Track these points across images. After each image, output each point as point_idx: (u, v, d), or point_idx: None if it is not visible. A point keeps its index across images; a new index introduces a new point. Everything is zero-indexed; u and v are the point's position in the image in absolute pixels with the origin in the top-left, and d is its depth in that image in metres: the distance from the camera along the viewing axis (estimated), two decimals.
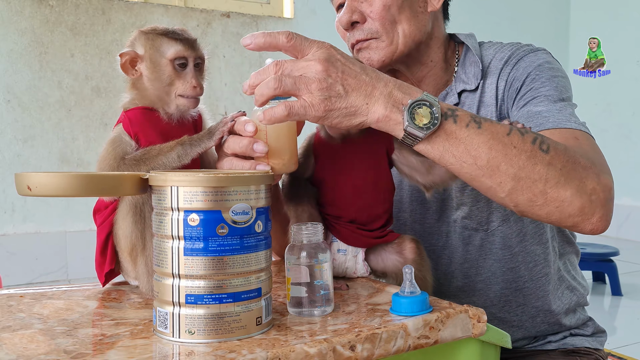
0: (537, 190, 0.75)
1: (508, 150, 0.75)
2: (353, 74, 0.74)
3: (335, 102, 0.73)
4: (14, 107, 2.83)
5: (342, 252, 0.91)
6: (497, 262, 1.06)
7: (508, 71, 1.03)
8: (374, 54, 1.03)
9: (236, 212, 0.67)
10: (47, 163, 2.88)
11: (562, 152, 0.77)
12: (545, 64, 1.01)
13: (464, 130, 0.75)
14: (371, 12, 1.02)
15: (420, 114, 0.74)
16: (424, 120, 0.74)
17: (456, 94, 1.07)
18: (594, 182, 0.77)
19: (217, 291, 0.67)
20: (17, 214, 2.87)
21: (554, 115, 0.92)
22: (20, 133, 2.85)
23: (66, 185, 0.68)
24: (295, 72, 0.73)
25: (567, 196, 0.76)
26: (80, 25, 2.92)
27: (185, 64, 0.87)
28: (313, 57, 0.74)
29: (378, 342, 0.69)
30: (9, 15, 2.80)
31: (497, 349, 0.84)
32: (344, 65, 0.74)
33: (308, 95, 0.73)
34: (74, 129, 2.94)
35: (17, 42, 2.81)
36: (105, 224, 0.88)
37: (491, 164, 0.75)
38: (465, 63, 1.08)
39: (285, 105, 0.73)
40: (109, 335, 0.69)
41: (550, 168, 0.75)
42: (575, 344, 1.12)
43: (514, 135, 0.76)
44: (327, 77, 0.73)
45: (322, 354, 0.65)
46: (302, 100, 0.73)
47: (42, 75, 2.87)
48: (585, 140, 0.88)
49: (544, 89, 0.97)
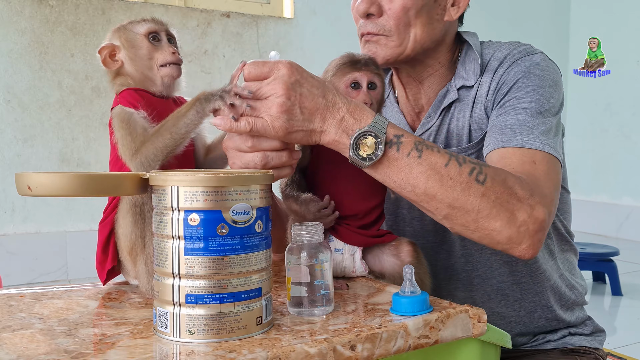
0: (470, 219, 0.82)
1: (444, 181, 0.81)
2: (311, 97, 0.80)
3: (293, 124, 0.79)
4: (14, 107, 2.83)
5: (339, 251, 0.91)
6: (494, 255, 1.07)
7: (501, 73, 1.03)
8: (380, 50, 1.04)
9: (236, 211, 0.67)
10: (47, 163, 2.88)
11: (499, 183, 0.82)
12: (535, 70, 1.01)
13: (404, 159, 0.81)
14: (389, 9, 1.01)
15: (364, 144, 0.80)
16: (368, 151, 0.80)
17: (455, 90, 1.07)
18: (525, 215, 0.83)
19: (218, 291, 0.67)
20: (17, 214, 2.87)
21: (523, 133, 0.94)
22: (20, 133, 2.85)
23: (66, 185, 0.68)
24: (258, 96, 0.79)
25: (497, 227, 0.82)
26: (80, 25, 2.92)
27: (159, 37, 0.92)
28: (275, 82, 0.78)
29: (378, 342, 0.69)
30: (9, 15, 2.80)
31: (497, 349, 0.84)
32: (302, 88, 0.79)
33: (270, 117, 0.78)
34: (74, 129, 2.94)
35: (17, 42, 2.81)
36: (107, 222, 0.89)
37: (428, 193, 0.81)
38: (465, 60, 1.08)
39: (248, 122, 0.78)
40: (109, 335, 0.69)
41: (484, 200, 0.81)
42: (575, 343, 1.12)
43: (452, 166, 0.81)
44: (288, 102, 0.78)
45: (322, 353, 0.65)
46: (263, 121, 0.79)
47: (42, 75, 2.87)
48: (541, 165, 0.91)
49: (525, 100, 0.98)
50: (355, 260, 0.91)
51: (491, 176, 0.82)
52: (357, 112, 0.81)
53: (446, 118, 1.08)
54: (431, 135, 1.09)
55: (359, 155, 0.80)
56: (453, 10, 1.06)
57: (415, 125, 1.14)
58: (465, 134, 1.06)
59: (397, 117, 1.16)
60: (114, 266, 0.89)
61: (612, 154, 4.04)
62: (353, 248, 0.91)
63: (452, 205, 0.81)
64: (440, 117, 1.08)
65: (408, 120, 1.15)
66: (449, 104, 1.08)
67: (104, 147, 2.96)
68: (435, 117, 1.09)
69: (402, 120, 1.15)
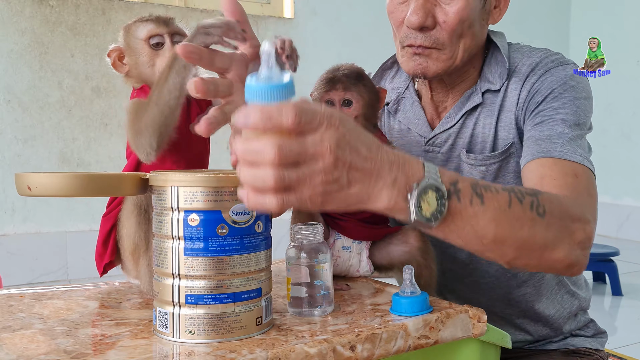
0: (536, 255, 0.78)
1: (512, 224, 0.74)
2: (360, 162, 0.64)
3: (335, 194, 0.64)
4: (14, 107, 2.83)
5: (346, 249, 0.91)
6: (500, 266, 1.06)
7: (533, 81, 1.00)
8: (432, 64, 0.98)
9: (236, 212, 0.67)
10: (47, 163, 2.88)
11: (557, 210, 0.79)
12: (571, 82, 0.98)
13: (468, 208, 0.71)
14: (444, 22, 0.96)
15: (426, 201, 0.68)
16: (431, 208, 0.68)
17: (480, 93, 1.04)
18: (582, 234, 0.80)
19: (217, 291, 0.67)
20: (17, 214, 2.87)
21: (562, 145, 0.91)
22: (20, 133, 2.85)
23: (66, 186, 0.68)
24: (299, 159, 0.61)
25: (560, 256, 0.79)
26: (80, 25, 2.92)
27: (162, 42, 0.86)
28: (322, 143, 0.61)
29: (378, 342, 0.69)
30: (9, 15, 2.80)
31: (497, 349, 0.84)
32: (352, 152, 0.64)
33: (308, 190, 0.62)
34: (74, 129, 2.94)
35: (17, 42, 2.81)
36: (110, 216, 0.88)
37: (497, 240, 0.74)
38: (491, 62, 1.05)
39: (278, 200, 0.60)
40: (109, 336, 0.69)
41: (548, 232, 0.77)
42: (576, 344, 1.12)
43: (515, 206, 0.75)
44: (334, 170, 0.62)
45: (322, 354, 0.65)
46: (300, 194, 0.62)
47: (42, 76, 2.87)
48: (583, 179, 0.89)
49: (562, 111, 0.95)
50: (362, 258, 0.92)
51: (549, 205, 0.78)
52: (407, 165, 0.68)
53: (469, 121, 1.05)
54: (451, 137, 1.06)
55: (423, 216, 0.67)
56: (496, 13, 1.03)
57: (435, 124, 1.10)
58: (490, 141, 1.03)
59: (417, 112, 1.12)
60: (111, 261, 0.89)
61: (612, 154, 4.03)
62: (361, 246, 0.91)
63: (521, 247, 0.75)
64: (462, 119, 1.05)
65: (428, 117, 1.11)
66: (473, 107, 1.04)
67: (104, 147, 2.96)
68: (456, 118, 1.05)
69: (422, 116, 1.11)
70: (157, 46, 0.86)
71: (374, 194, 0.65)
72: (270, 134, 0.59)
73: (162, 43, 0.87)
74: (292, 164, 0.60)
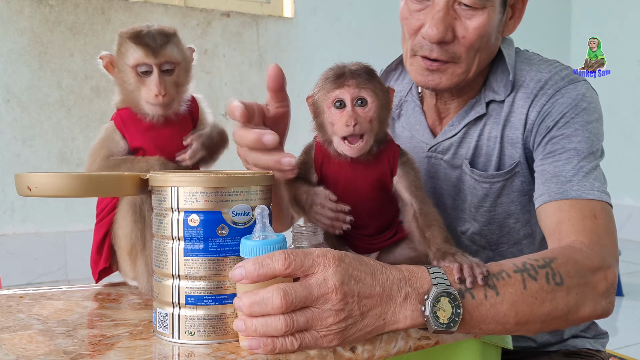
0: (561, 321, 0.78)
1: (531, 304, 0.74)
2: (367, 289, 0.66)
3: (350, 329, 0.65)
4: (13, 107, 2.83)
5: None
6: None
7: (543, 102, 0.96)
8: (446, 79, 0.95)
9: (236, 212, 0.66)
10: (46, 163, 2.88)
11: (574, 271, 0.78)
12: (582, 103, 0.95)
13: (484, 302, 0.72)
14: (463, 37, 0.92)
15: (441, 309, 0.68)
16: (447, 314, 0.69)
17: (484, 104, 1.00)
18: (604, 283, 0.80)
19: (217, 292, 0.66)
20: (16, 214, 2.87)
21: (579, 182, 0.89)
22: (19, 133, 2.84)
23: (66, 186, 0.67)
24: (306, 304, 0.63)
25: (586, 313, 0.79)
26: (79, 24, 2.92)
27: (150, 71, 0.84)
28: (326, 283, 0.63)
29: (378, 344, 0.69)
30: (8, 14, 2.79)
31: (498, 350, 0.84)
32: (357, 283, 0.65)
33: (323, 330, 0.64)
34: (74, 129, 2.94)
35: (16, 42, 2.81)
36: (103, 222, 0.88)
37: (520, 323, 0.74)
38: (497, 71, 1.01)
39: (296, 339, 0.63)
40: (108, 336, 0.69)
41: (569, 297, 0.77)
42: (577, 345, 1.11)
43: (530, 285, 0.74)
44: (345, 306, 0.64)
45: (322, 355, 0.65)
46: (315, 334, 0.64)
47: (41, 75, 2.86)
48: (602, 218, 0.88)
49: (575, 139, 0.92)
50: None
51: (564, 270, 0.77)
52: (414, 278, 0.69)
53: (473, 131, 1.01)
54: (453, 145, 1.02)
55: (442, 324, 0.68)
56: (511, 24, 1.00)
57: (436, 129, 1.06)
58: (495, 156, 0.99)
59: (418, 117, 1.08)
60: (105, 267, 0.89)
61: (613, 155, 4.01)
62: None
63: (545, 320, 0.76)
64: (465, 128, 1.01)
65: (429, 122, 1.07)
66: (477, 117, 1.01)
67: None
68: (458, 127, 1.02)
69: (423, 122, 1.07)
70: (144, 74, 0.84)
71: (390, 318, 0.67)
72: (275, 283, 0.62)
73: (149, 72, 0.84)
74: (300, 307, 0.62)
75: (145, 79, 0.83)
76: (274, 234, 0.64)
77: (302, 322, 0.62)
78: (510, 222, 1.02)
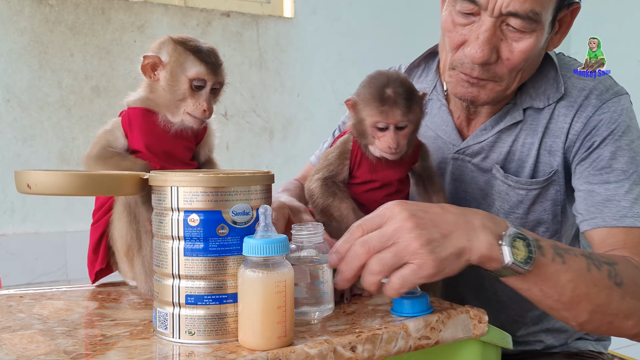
0: (606, 320, 0.79)
1: (590, 288, 0.76)
2: (439, 217, 0.71)
3: (440, 251, 0.69)
4: (13, 107, 2.83)
5: None
6: None
7: (588, 113, 0.94)
8: (484, 94, 0.93)
9: (236, 212, 0.66)
10: (46, 163, 2.88)
11: (631, 282, 0.80)
12: (626, 119, 0.94)
13: (551, 265, 0.74)
14: (507, 59, 0.90)
15: (517, 248, 0.71)
16: (521, 254, 0.72)
17: (521, 110, 0.98)
18: None
19: (218, 292, 0.66)
20: (16, 214, 2.87)
21: (631, 209, 0.89)
22: (19, 133, 2.84)
23: (66, 184, 0.67)
24: (388, 243, 0.69)
25: (629, 325, 0.80)
26: (80, 24, 2.92)
27: (203, 87, 0.86)
28: (396, 218, 0.70)
29: (379, 343, 0.69)
30: (8, 14, 2.79)
31: (498, 350, 0.83)
32: (426, 213, 0.71)
33: (414, 257, 0.68)
34: (74, 129, 2.94)
35: (16, 42, 2.81)
36: (99, 223, 0.89)
37: (574, 300, 0.76)
38: (540, 79, 0.98)
39: (397, 277, 0.69)
40: (108, 336, 0.69)
41: (624, 302, 0.78)
42: (579, 347, 1.11)
43: (594, 271, 0.77)
44: (422, 231, 0.69)
45: (322, 354, 0.65)
46: (411, 265, 0.69)
47: (41, 75, 2.86)
48: None
49: (622, 159, 0.92)
50: None
51: (625, 276, 0.79)
52: (488, 216, 0.73)
53: (506, 136, 0.99)
54: (484, 150, 1.00)
55: (518, 260, 0.71)
56: (556, 38, 0.98)
57: (463, 131, 1.04)
58: (530, 164, 0.97)
59: (444, 116, 1.04)
60: (102, 268, 0.90)
61: None
62: None
63: (594, 311, 0.77)
64: (498, 132, 0.99)
65: (456, 122, 1.04)
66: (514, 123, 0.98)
67: None
68: (492, 131, 0.99)
69: (450, 122, 1.04)
70: (197, 88, 0.86)
71: (473, 239, 0.71)
72: None
73: (202, 87, 0.86)
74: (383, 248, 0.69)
75: (195, 93, 0.85)
76: (276, 233, 0.65)
77: (390, 257, 0.69)
78: (540, 230, 1.01)
